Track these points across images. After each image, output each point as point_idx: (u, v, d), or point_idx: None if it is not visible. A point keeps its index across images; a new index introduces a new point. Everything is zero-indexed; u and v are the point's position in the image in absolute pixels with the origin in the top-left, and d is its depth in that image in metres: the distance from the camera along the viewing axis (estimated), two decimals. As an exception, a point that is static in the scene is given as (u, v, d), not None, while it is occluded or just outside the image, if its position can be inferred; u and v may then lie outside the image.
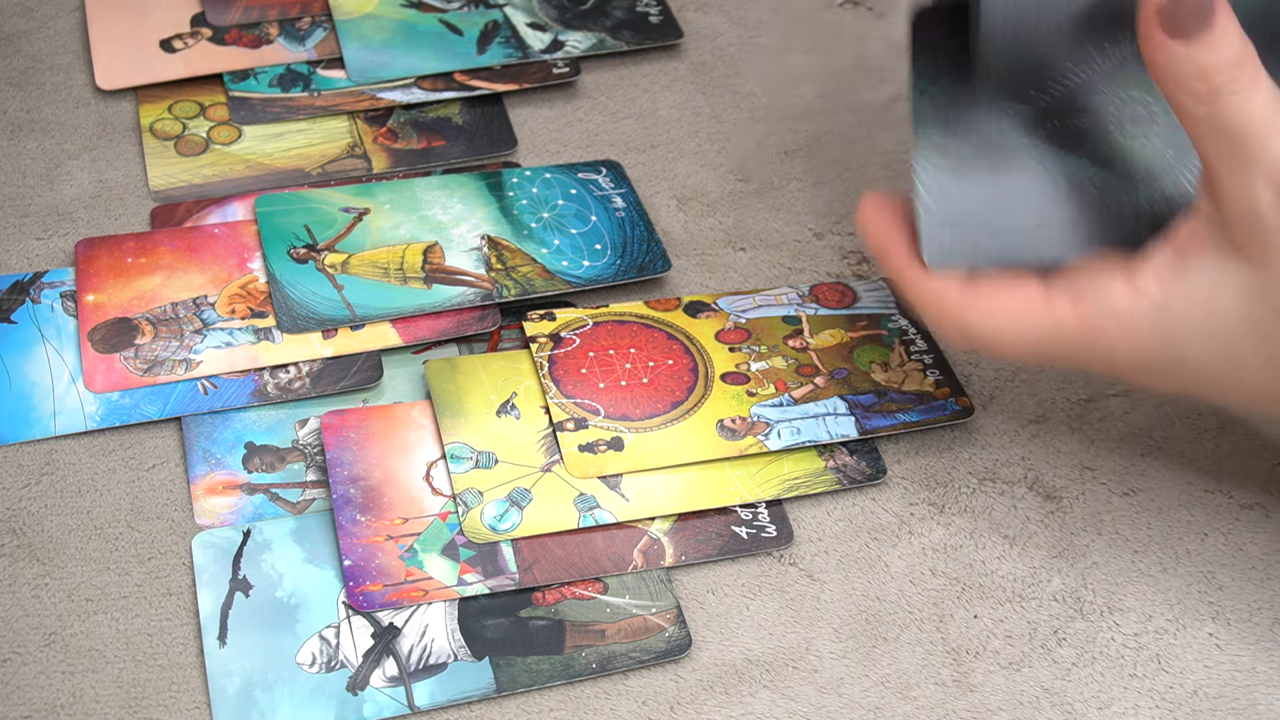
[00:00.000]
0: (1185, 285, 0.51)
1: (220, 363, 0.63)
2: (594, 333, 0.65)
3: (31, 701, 0.54)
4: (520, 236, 0.68)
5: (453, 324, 0.65)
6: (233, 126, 0.73)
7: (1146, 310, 0.51)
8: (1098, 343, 0.53)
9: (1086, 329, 0.52)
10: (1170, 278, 0.51)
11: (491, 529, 0.58)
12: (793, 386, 0.63)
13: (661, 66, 0.78)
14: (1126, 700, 0.55)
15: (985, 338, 0.54)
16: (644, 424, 0.61)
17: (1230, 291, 0.50)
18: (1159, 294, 0.51)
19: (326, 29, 0.77)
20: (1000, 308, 0.53)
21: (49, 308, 0.65)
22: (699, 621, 0.57)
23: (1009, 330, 0.53)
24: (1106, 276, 0.52)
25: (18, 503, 0.59)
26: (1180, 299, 0.51)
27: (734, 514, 0.60)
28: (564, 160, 0.73)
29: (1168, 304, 0.51)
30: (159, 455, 0.61)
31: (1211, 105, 0.49)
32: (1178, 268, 0.51)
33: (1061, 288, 0.53)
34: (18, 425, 0.61)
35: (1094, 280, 0.52)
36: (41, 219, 0.69)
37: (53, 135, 0.73)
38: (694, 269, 0.69)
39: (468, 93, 0.74)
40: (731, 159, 0.73)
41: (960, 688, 0.56)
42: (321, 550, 0.58)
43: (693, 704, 0.55)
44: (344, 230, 0.68)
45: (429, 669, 0.55)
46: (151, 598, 0.57)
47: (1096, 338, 0.52)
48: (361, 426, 0.61)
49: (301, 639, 0.56)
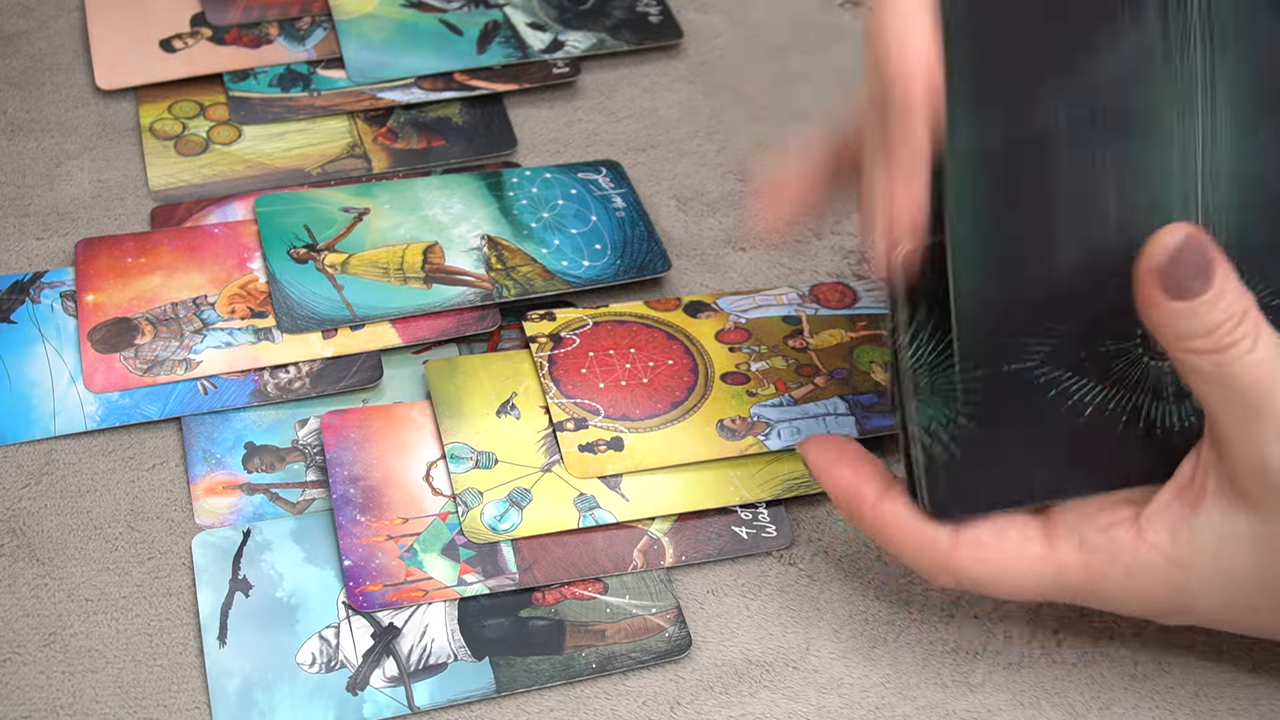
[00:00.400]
0: (1194, 537, 0.50)
1: (220, 363, 0.63)
2: (594, 333, 0.65)
3: (31, 701, 0.54)
4: (520, 236, 0.68)
5: (453, 324, 0.65)
6: (233, 126, 0.73)
7: (1156, 562, 0.50)
8: (1105, 590, 0.51)
9: (1094, 579, 0.51)
10: (1179, 528, 0.50)
11: (491, 529, 0.58)
12: (793, 386, 0.63)
13: (661, 66, 0.78)
14: (1127, 701, 0.55)
15: (979, 583, 0.52)
16: (644, 424, 0.61)
17: (1241, 543, 0.49)
18: (1168, 546, 0.50)
19: (326, 29, 0.77)
20: (998, 556, 0.51)
21: (49, 308, 0.65)
22: (699, 621, 0.57)
23: (1009, 578, 0.51)
24: (1114, 525, 0.51)
25: (18, 503, 0.59)
26: (1190, 552, 0.50)
27: (734, 514, 0.60)
28: (564, 160, 0.73)
29: (1177, 557, 0.50)
30: (159, 455, 0.61)
31: (1215, 361, 0.48)
32: (1186, 518, 0.50)
33: (1065, 535, 0.51)
34: (18, 425, 0.61)
35: (1101, 530, 0.51)
36: (41, 219, 0.69)
37: (53, 135, 0.73)
38: (694, 269, 0.69)
39: (468, 93, 0.74)
40: (731, 159, 0.73)
41: (960, 688, 0.56)
42: (321, 550, 0.58)
43: (693, 704, 0.55)
44: (344, 230, 0.68)
45: (429, 669, 0.55)
46: (151, 598, 0.57)
47: (1105, 586, 0.51)
48: (361, 426, 0.61)
49: (301, 639, 0.56)
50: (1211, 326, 0.48)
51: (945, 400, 0.51)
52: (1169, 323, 0.48)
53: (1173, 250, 0.47)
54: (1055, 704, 0.55)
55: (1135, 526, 0.50)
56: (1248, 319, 0.48)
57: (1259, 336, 0.48)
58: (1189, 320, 0.48)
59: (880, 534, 0.53)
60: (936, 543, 0.52)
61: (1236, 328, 0.48)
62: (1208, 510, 0.50)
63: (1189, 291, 0.47)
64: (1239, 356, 0.48)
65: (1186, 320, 0.48)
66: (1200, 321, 0.48)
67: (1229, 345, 0.48)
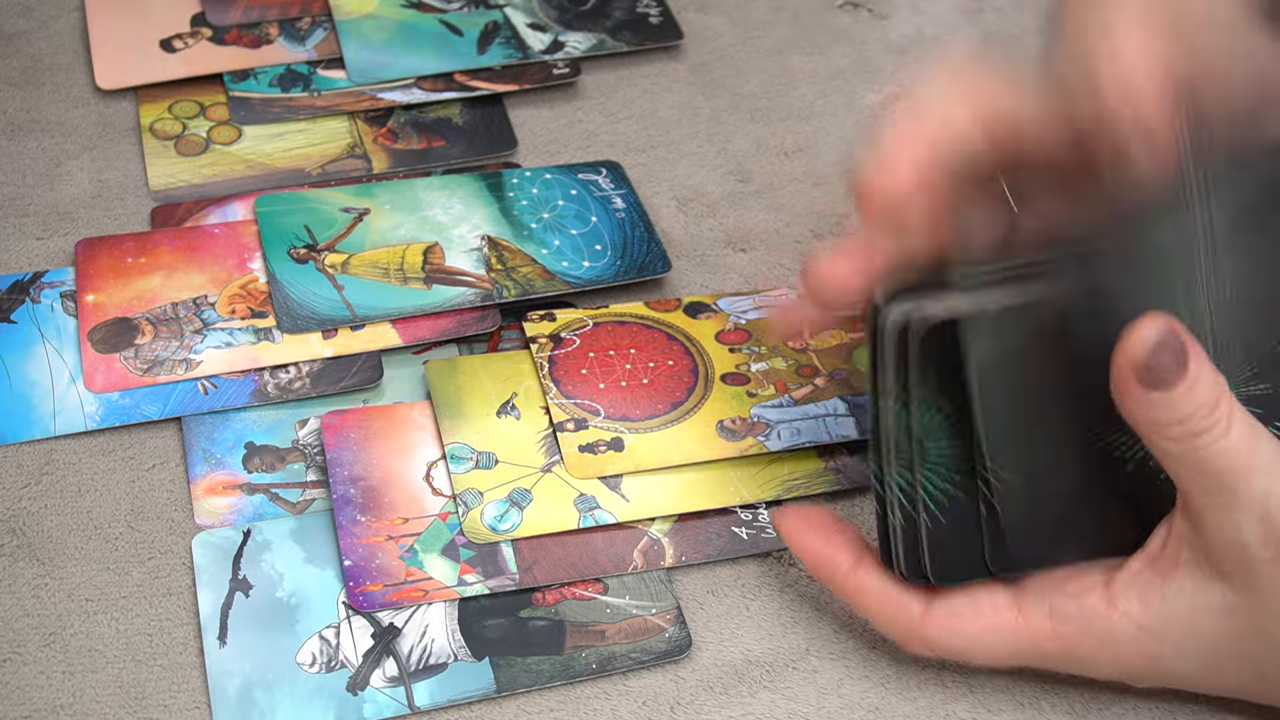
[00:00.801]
0: (1166, 605, 0.50)
1: (220, 363, 0.63)
2: (594, 333, 0.65)
3: (31, 701, 0.54)
4: (520, 237, 0.68)
5: (453, 324, 0.65)
6: (233, 126, 0.73)
7: (1129, 631, 0.51)
8: (1078, 658, 0.52)
9: (1066, 647, 0.52)
10: (1150, 596, 0.50)
11: (491, 529, 0.58)
12: (793, 387, 0.63)
13: (662, 67, 0.78)
14: (1127, 701, 0.55)
15: (953, 652, 0.53)
16: (644, 424, 0.62)
17: (1214, 613, 0.50)
18: (1140, 614, 0.51)
19: (327, 29, 0.77)
20: (970, 626, 0.52)
21: (49, 307, 0.65)
22: (699, 622, 0.57)
23: (982, 646, 0.52)
24: (1084, 592, 0.51)
25: (18, 503, 0.59)
26: (1161, 620, 0.50)
27: (734, 515, 0.60)
28: (564, 161, 0.73)
29: (1149, 625, 0.51)
30: (159, 455, 0.61)
31: (1189, 447, 0.48)
32: (1158, 586, 0.50)
33: (1036, 604, 0.52)
34: (18, 425, 0.61)
35: (1071, 597, 0.51)
36: (41, 219, 0.69)
37: (53, 135, 0.73)
38: (694, 270, 0.69)
39: (468, 93, 0.74)
40: (731, 159, 0.73)
41: (960, 688, 0.56)
42: (321, 550, 0.58)
43: (693, 704, 0.55)
44: (344, 230, 0.68)
45: (429, 669, 0.55)
46: (151, 598, 0.57)
47: (1077, 654, 0.52)
48: (362, 427, 0.61)
49: (301, 639, 0.56)
50: (1185, 415, 0.48)
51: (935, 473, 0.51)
52: (1144, 412, 0.49)
53: (1152, 345, 0.48)
54: (1055, 704, 0.55)
55: (1106, 594, 0.51)
56: (1221, 405, 0.48)
57: (1232, 421, 0.48)
58: (1164, 410, 0.48)
59: (855, 602, 0.54)
60: (909, 612, 0.52)
61: (1210, 414, 0.48)
62: (1180, 580, 0.50)
63: (1165, 383, 0.48)
64: (1213, 442, 0.48)
65: (1162, 410, 0.48)
66: (1175, 411, 0.48)
67: (1203, 431, 0.48)
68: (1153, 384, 0.48)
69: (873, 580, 0.53)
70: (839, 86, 0.77)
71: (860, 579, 0.53)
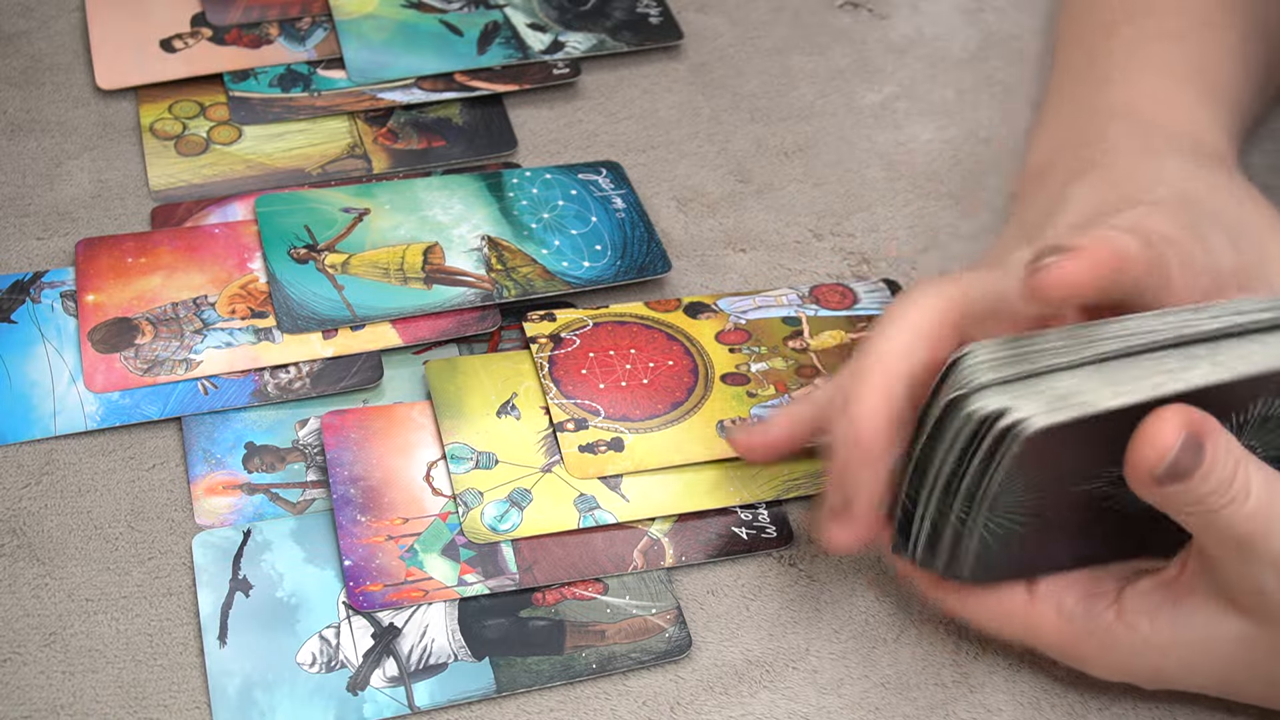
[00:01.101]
0: (1177, 628, 0.50)
1: (220, 363, 0.63)
2: (594, 333, 0.65)
3: (31, 701, 0.54)
4: (520, 237, 0.68)
5: (453, 324, 0.65)
6: (233, 126, 0.73)
7: (1134, 643, 0.51)
8: (1078, 655, 0.53)
9: (1069, 644, 0.52)
10: (1160, 614, 0.51)
11: (491, 529, 0.58)
12: (793, 387, 0.63)
13: (662, 67, 0.78)
14: (1126, 701, 0.55)
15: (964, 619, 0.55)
16: (644, 424, 0.62)
17: (1228, 641, 0.50)
18: (1148, 630, 0.51)
19: (327, 29, 0.77)
20: (981, 599, 0.53)
21: (49, 307, 0.65)
22: (699, 622, 0.57)
23: (990, 621, 0.54)
24: (1094, 597, 0.52)
25: (18, 503, 0.59)
26: (1170, 639, 0.51)
27: (734, 515, 0.60)
28: (564, 161, 0.73)
29: (1156, 641, 0.51)
30: (159, 455, 0.61)
31: (1207, 522, 0.48)
32: (1169, 606, 0.51)
33: (1045, 597, 0.52)
34: (18, 425, 0.61)
35: (1080, 599, 0.52)
36: (41, 219, 0.69)
37: (53, 135, 0.73)
38: (694, 270, 0.69)
39: (468, 93, 0.74)
40: (731, 159, 0.73)
41: (960, 688, 0.56)
42: (322, 550, 0.58)
43: (693, 704, 0.55)
44: (344, 230, 0.68)
45: (429, 669, 0.55)
46: (151, 598, 0.57)
47: (1079, 652, 0.52)
48: (362, 427, 0.61)
49: (302, 639, 0.56)
50: (1205, 495, 0.47)
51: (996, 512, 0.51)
52: (1163, 500, 0.48)
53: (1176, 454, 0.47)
54: (1055, 704, 0.55)
55: (1116, 605, 0.51)
56: (1238, 476, 0.47)
57: (1250, 487, 0.48)
58: (1183, 496, 0.48)
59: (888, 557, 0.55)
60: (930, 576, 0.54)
61: (1228, 489, 0.47)
62: (1193, 607, 0.50)
63: (1183, 478, 0.47)
64: (1233, 514, 0.48)
65: (1180, 495, 0.48)
66: (1192, 494, 0.48)
67: (1221, 507, 0.48)
68: (1172, 481, 0.47)
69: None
70: (839, 86, 0.77)
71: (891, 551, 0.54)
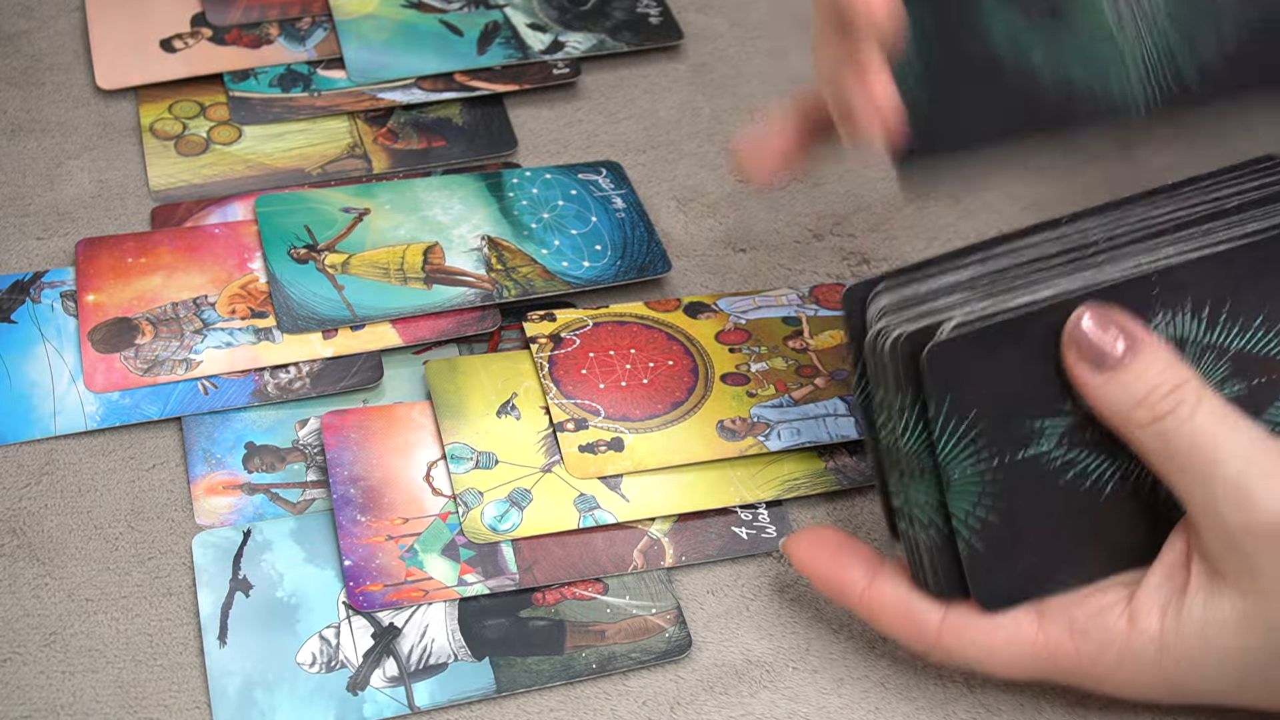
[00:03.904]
0: (1181, 623, 0.50)
1: (220, 363, 0.63)
2: (594, 333, 0.65)
3: (31, 701, 0.54)
4: (520, 237, 0.68)
5: (453, 324, 0.65)
6: (233, 126, 0.73)
7: (1148, 651, 0.51)
8: (1096, 676, 0.52)
9: (1085, 664, 0.52)
10: (1167, 613, 0.50)
11: (492, 529, 0.58)
12: (793, 387, 0.63)
13: (662, 68, 0.78)
14: (1126, 701, 0.55)
15: (970, 661, 0.53)
16: (644, 424, 0.62)
17: (1226, 626, 0.50)
18: (1157, 631, 0.50)
19: (327, 29, 0.77)
20: (988, 639, 0.52)
21: (49, 307, 0.65)
22: (699, 622, 0.57)
23: (1000, 659, 0.52)
24: (1106, 609, 0.51)
25: (18, 503, 0.59)
26: (1178, 640, 0.50)
27: (734, 515, 0.60)
28: (564, 161, 0.73)
29: (1166, 643, 0.50)
30: (159, 455, 0.61)
31: (1155, 432, 0.48)
32: (1174, 602, 0.50)
33: (1056, 619, 0.52)
34: (18, 425, 0.61)
35: (1093, 615, 0.51)
36: (41, 219, 0.69)
37: (53, 135, 0.73)
38: (694, 270, 0.69)
39: (468, 93, 0.74)
40: (732, 160, 0.73)
41: (960, 688, 0.56)
42: (322, 550, 0.58)
43: (693, 704, 0.55)
44: (344, 230, 0.68)
45: (429, 669, 0.55)
46: (151, 598, 0.57)
47: (1095, 672, 0.52)
48: (362, 427, 0.61)
49: (302, 639, 0.56)
50: (1141, 396, 0.48)
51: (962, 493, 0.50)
52: (1100, 398, 0.49)
53: (1087, 321, 0.48)
54: (1055, 704, 0.55)
55: (1127, 612, 0.51)
56: (1185, 388, 0.48)
57: (1200, 404, 0.48)
58: (1117, 391, 0.48)
59: (873, 620, 0.54)
60: (927, 626, 0.53)
61: (1169, 395, 0.48)
62: (1192, 593, 0.50)
63: (1109, 361, 0.48)
64: (1178, 425, 0.48)
65: (1115, 391, 0.48)
66: (1128, 392, 0.48)
67: (1165, 414, 0.48)
68: (1098, 363, 0.48)
69: (887, 595, 0.53)
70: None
71: (875, 597, 0.53)
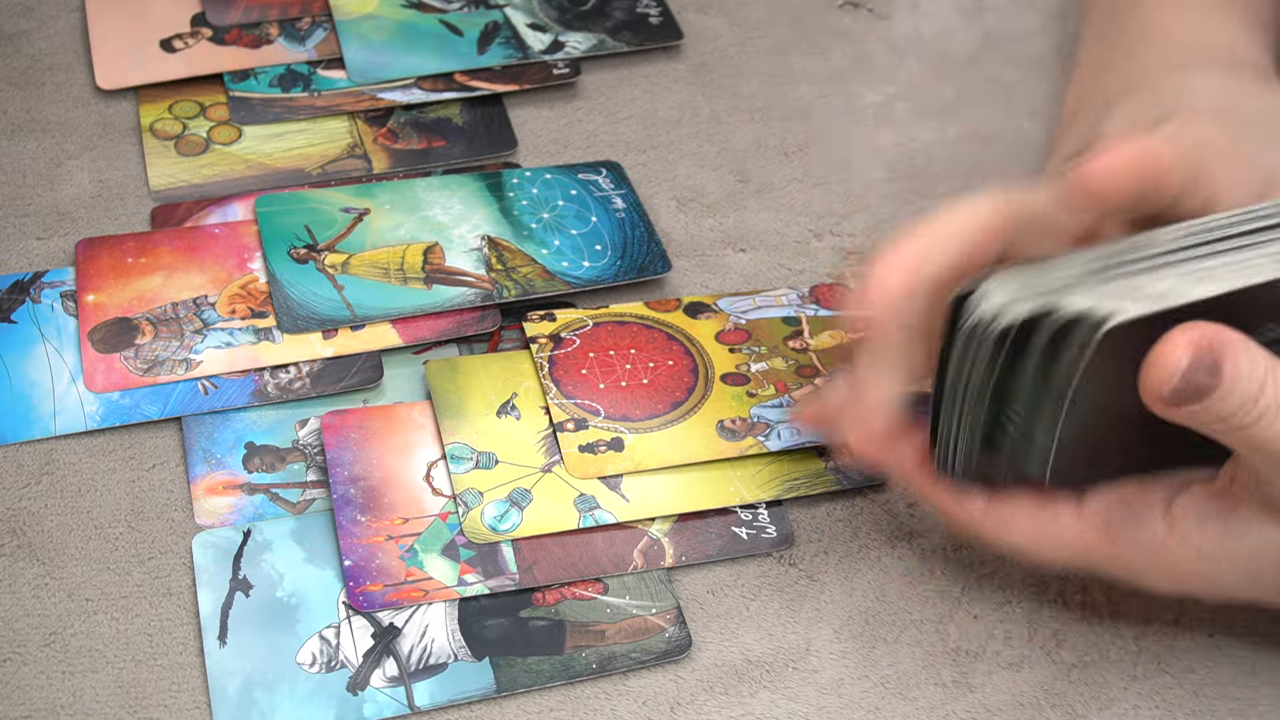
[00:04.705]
0: (1227, 538, 0.50)
1: (220, 363, 0.63)
2: (594, 333, 0.65)
3: (31, 701, 0.54)
4: (520, 237, 0.68)
5: (453, 324, 0.65)
6: (233, 126, 0.73)
7: (1186, 554, 0.50)
8: (1132, 569, 0.52)
9: (1123, 561, 0.51)
10: (1211, 524, 0.50)
11: (492, 529, 0.58)
12: (793, 387, 0.63)
13: (662, 67, 0.78)
14: (1126, 701, 0.55)
15: (1009, 549, 0.53)
16: (644, 424, 0.62)
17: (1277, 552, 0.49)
18: (1199, 540, 0.50)
19: (327, 29, 0.77)
20: (1028, 525, 0.52)
21: (49, 307, 0.65)
22: (699, 622, 0.57)
23: (1037, 546, 0.52)
24: (1145, 510, 0.51)
25: (18, 503, 0.59)
26: (1221, 548, 0.50)
27: (734, 515, 0.60)
28: (564, 161, 0.73)
29: (1207, 550, 0.50)
30: (159, 455, 0.61)
31: (1239, 439, 0.47)
32: (1219, 516, 0.50)
33: (1094, 515, 0.51)
34: (18, 425, 0.61)
35: (1132, 515, 0.51)
36: (41, 219, 0.69)
37: (53, 135, 0.73)
38: (694, 270, 0.69)
39: (468, 93, 0.74)
40: (731, 159, 0.73)
41: (960, 688, 0.56)
42: (322, 550, 0.58)
43: (693, 704, 0.55)
44: (344, 230, 0.68)
45: (429, 669, 0.55)
46: (151, 598, 0.57)
47: (1132, 567, 0.52)
48: (362, 427, 0.61)
49: (302, 639, 0.56)
50: (1228, 414, 0.47)
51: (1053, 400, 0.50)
52: (1189, 419, 0.47)
53: (1184, 373, 0.46)
54: (1055, 704, 0.55)
55: (1167, 518, 0.51)
56: (1265, 391, 0.47)
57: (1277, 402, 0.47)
58: (1205, 415, 0.47)
59: (920, 494, 0.54)
60: (971, 510, 0.53)
61: (1255, 406, 0.47)
62: (1242, 518, 0.50)
63: (1199, 398, 0.46)
64: (1264, 430, 0.47)
65: (1203, 415, 0.47)
66: (1215, 412, 0.47)
67: (1250, 424, 0.47)
68: (1189, 401, 0.47)
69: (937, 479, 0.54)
70: (839, 86, 0.77)
71: (927, 476, 0.54)
